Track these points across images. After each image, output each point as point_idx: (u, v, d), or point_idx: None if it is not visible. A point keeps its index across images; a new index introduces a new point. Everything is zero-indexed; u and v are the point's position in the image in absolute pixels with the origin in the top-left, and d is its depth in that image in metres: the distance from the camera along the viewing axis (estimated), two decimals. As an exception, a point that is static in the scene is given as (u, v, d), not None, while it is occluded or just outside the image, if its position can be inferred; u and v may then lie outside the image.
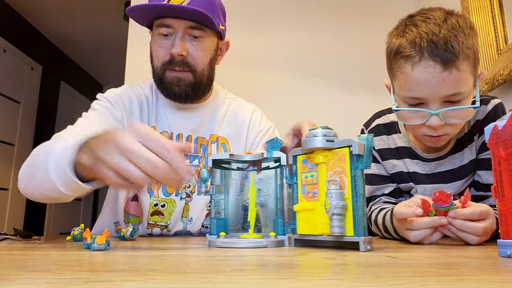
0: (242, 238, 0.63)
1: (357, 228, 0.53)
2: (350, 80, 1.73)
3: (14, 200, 3.25)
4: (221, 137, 1.06)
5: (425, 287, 0.26)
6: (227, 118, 1.09)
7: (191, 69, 0.96)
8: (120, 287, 0.27)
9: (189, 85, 0.97)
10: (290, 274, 0.33)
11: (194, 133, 1.04)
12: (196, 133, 1.04)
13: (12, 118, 3.27)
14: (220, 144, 1.05)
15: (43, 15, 3.41)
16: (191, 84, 0.97)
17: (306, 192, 0.61)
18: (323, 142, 0.58)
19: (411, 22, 0.76)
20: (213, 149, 1.04)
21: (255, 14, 1.78)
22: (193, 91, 0.98)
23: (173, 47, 0.93)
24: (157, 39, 0.97)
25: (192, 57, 0.96)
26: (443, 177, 0.84)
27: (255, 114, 1.12)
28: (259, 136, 1.08)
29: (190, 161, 1.01)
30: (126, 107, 0.99)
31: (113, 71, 4.30)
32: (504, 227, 0.44)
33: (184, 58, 0.95)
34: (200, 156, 1.03)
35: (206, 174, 0.67)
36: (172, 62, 0.95)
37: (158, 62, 0.97)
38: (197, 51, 0.96)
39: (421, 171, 0.86)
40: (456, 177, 0.83)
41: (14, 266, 0.37)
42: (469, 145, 0.82)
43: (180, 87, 0.96)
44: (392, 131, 0.90)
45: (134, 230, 0.74)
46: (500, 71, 1.10)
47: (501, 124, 0.44)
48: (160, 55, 0.96)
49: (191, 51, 0.95)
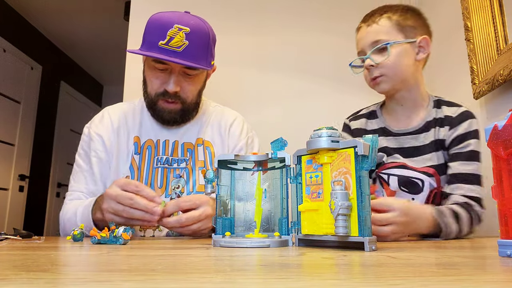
0: (247, 238, 0.64)
1: (362, 228, 0.53)
2: (350, 80, 1.72)
3: (14, 200, 3.25)
4: (206, 141, 1.11)
5: (425, 287, 0.26)
6: (211, 124, 1.15)
7: (182, 101, 1.04)
8: (120, 287, 0.27)
9: (178, 113, 1.06)
10: (290, 274, 0.33)
11: (180, 139, 1.10)
12: (182, 139, 1.10)
13: (12, 118, 3.27)
14: (205, 147, 1.10)
15: (43, 15, 3.41)
16: (179, 112, 1.06)
17: (311, 192, 0.61)
18: (328, 143, 0.58)
19: None
20: (199, 152, 1.09)
21: (255, 14, 1.78)
22: (181, 117, 1.07)
23: (169, 85, 1.01)
24: (152, 70, 1.02)
25: (184, 91, 1.03)
26: (409, 151, 1.00)
27: (235, 123, 1.16)
28: (236, 149, 1.12)
29: (178, 164, 1.07)
30: (106, 132, 1.09)
31: (113, 71, 4.30)
32: (504, 227, 0.44)
33: (177, 93, 1.02)
34: (187, 159, 1.08)
35: (212, 174, 0.67)
36: (165, 95, 1.02)
37: (152, 90, 1.04)
38: (189, 85, 1.04)
39: (391, 146, 1.03)
40: (420, 152, 0.99)
41: (14, 266, 0.37)
42: (433, 129, 0.99)
43: (170, 115, 1.05)
44: (372, 117, 1.10)
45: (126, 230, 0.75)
46: (500, 71, 1.10)
47: (501, 124, 0.44)
48: (155, 86, 1.03)
49: (184, 86, 1.03)
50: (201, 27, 0.98)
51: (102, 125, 1.10)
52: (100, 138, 1.08)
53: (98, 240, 0.67)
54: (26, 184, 3.43)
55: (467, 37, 1.28)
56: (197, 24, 0.98)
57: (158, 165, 1.06)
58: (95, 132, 1.09)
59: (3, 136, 3.14)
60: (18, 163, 3.32)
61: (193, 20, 0.98)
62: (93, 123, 1.12)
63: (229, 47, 1.73)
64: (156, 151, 1.07)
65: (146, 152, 1.07)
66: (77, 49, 4.05)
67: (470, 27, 1.26)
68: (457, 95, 1.43)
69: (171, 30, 0.94)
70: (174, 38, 0.94)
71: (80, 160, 1.09)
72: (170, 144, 1.08)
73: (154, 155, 1.07)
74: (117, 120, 1.10)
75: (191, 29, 0.95)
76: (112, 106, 1.17)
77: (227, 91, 1.66)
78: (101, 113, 1.14)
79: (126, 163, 1.05)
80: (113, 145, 1.07)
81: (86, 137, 1.10)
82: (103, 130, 1.09)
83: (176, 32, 0.94)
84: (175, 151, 1.08)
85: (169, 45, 0.94)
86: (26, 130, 3.43)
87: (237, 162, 0.70)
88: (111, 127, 1.09)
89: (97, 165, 1.05)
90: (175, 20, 0.95)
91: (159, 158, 1.06)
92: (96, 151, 1.06)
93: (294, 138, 0.91)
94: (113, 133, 1.08)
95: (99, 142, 1.07)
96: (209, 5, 1.77)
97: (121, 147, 1.07)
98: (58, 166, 3.94)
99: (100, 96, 4.94)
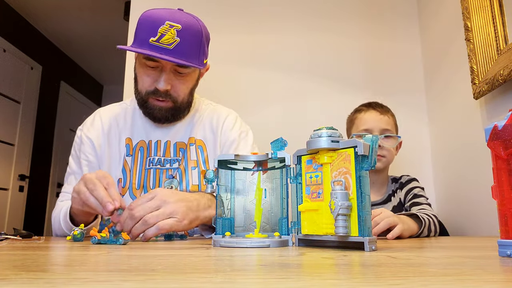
0: (247, 238, 0.63)
1: (362, 228, 0.53)
2: (350, 80, 1.73)
3: (14, 200, 3.25)
4: (198, 140, 1.10)
5: (425, 287, 0.26)
6: (203, 122, 1.13)
7: (173, 99, 1.03)
8: (120, 287, 0.27)
9: (169, 111, 1.05)
10: (290, 274, 0.33)
11: (172, 139, 1.09)
12: (174, 139, 1.09)
13: (12, 118, 3.27)
14: (197, 146, 1.09)
15: (43, 15, 3.41)
16: (171, 110, 1.04)
17: (311, 192, 0.61)
18: (328, 143, 0.58)
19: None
20: (192, 151, 1.08)
21: (255, 14, 1.78)
22: (172, 115, 1.06)
23: (159, 83, 0.99)
24: (143, 67, 1.01)
25: (175, 89, 1.02)
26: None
27: (228, 119, 1.14)
28: (227, 143, 1.10)
29: (170, 165, 1.06)
30: (97, 136, 1.08)
31: (113, 71, 4.31)
32: (504, 227, 0.44)
33: (167, 91, 1.01)
34: (179, 159, 1.07)
35: (212, 174, 0.67)
36: (156, 93, 1.01)
37: (143, 88, 1.03)
38: (180, 84, 1.02)
39: None
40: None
41: (14, 266, 0.37)
42: (393, 197, 1.27)
43: (161, 113, 1.04)
44: None
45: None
46: (500, 71, 1.10)
47: (501, 124, 0.44)
48: (146, 84, 1.02)
49: (175, 84, 1.01)
50: (193, 25, 0.96)
51: (93, 128, 1.09)
52: (90, 141, 1.07)
53: (98, 240, 0.67)
54: (26, 184, 3.43)
55: (467, 37, 1.28)
56: (189, 21, 0.96)
57: (150, 166, 1.05)
58: (86, 135, 1.08)
59: (3, 136, 3.14)
60: (18, 163, 3.32)
61: (185, 17, 0.96)
62: (85, 126, 1.11)
63: (228, 46, 1.73)
64: (148, 152, 1.06)
65: (139, 154, 1.06)
66: (77, 49, 4.05)
67: (470, 27, 1.26)
68: (457, 95, 1.43)
69: (162, 26, 0.92)
70: (165, 35, 0.92)
71: (72, 162, 1.09)
72: (162, 144, 1.08)
73: (146, 156, 1.06)
74: (108, 123, 1.10)
75: (182, 26, 0.93)
76: (104, 108, 1.16)
77: (227, 91, 1.66)
78: (93, 116, 1.14)
79: (118, 165, 1.05)
80: (103, 148, 1.06)
81: (78, 139, 1.10)
82: (93, 134, 1.08)
83: (168, 29, 0.92)
84: (167, 151, 1.07)
85: (159, 42, 0.92)
86: (26, 130, 3.43)
87: (237, 162, 0.70)
88: (102, 131, 1.09)
89: (87, 168, 1.05)
90: (166, 17, 0.93)
91: (151, 159, 1.06)
92: (86, 154, 1.06)
93: (294, 138, 0.91)
94: (103, 137, 1.08)
95: (89, 145, 1.07)
96: (207, 4, 1.77)
97: (113, 150, 1.07)
98: (58, 166, 3.94)
99: (100, 96, 4.94)
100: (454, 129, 1.46)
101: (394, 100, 1.50)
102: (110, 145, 1.07)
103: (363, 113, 1.29)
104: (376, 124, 1.25)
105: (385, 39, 1.76)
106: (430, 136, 1.68)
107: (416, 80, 1.72)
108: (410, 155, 1.58)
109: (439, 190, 1.59)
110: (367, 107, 1.30)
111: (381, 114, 1.27)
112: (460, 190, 1.41)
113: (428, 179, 1.62)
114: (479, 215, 1.27)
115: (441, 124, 1.58)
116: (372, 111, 1.28)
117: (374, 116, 1.27)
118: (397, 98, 1.63)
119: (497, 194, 0.44)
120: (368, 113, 1.28)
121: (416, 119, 1.69)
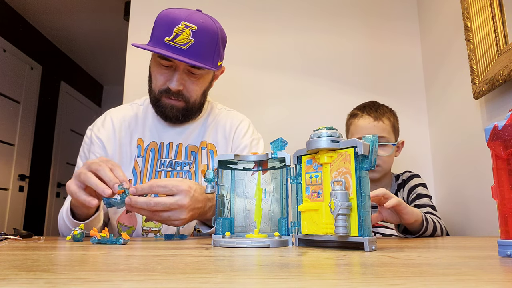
0: (247, 238, 0.63)
1: (362, 228, 0.53)
2: (350, 80, 1.73)
3: (14, 200, 3.25)
4: (210, 144, 1.09)
5: (425, 287, 0.26)
6: (216, 126, 1.12)
7: (185, 99, 1.03)
8: (120, 287, 0.27)
9: (181, 111, 1.04)
10: (290, 274, 0.33)
11: (184, 142, 1.08)
12: (186, 141, 1.08)
13: (12, 118, 3.27)
14: (208, 150, 1.09)
15: (43, 15, 3.41)
16: (182, 110, 1.04)
17: (311, 192, 0.61)
18: (328, 143, 0.58)
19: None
20: (203, 155, 1.08)
21: (255, 14, 1.78)
22: (184, 116, 1.06)
23: (172, 82, 0.99)
24: (157, 66, 1.01)
25: (187, 90, 1.02)
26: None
27: (241, 125, 1.14)
28: (238, 149, 1.10)
29: (181, 168, 1.06)
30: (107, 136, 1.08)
31: (113, 71, 4.31)
32: (504, 227, 0.44)
33: (180, 91, 1.01)
34: (191, 162, 1.06)
35: (212, 174, 0.67)
36: (168, 92, 1.01)
37: (156, 87, 1.03)
38: (193, 85, 1.02)
39: None
40: None
41: (14, 266, 0.37)
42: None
43: (172, 112, 1.04)
44: None
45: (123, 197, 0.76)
46: (500, 71, 1.10)
47: (501, 124, 0.44)
48: (159, 83, 1.02)
49: (188, 85, 1.01)
50: (209, 26, 0.96)
51: (104, 128, 1.09)
52: (100, 142, 1.07)
53: (98, 240, 0.67)
54: (26, 184, 3.43)
55: (467, 37, 1.28)
56: (206, 23, 0.95)
57: (161, 168, 1.04)
58: (96, 135, 1.08)
59: (3, 136, 3.14)
60: (18, 163, 3.32)
61: (202, 19, 0.95)
62: (95, 126, 1.11)
63: (228, 46, 1.73)
64: (160, 153, 1.06)
65: (150, 155, 1.06)
66: (77, 49, 4.05)
67: (470, 27, 1.26)
68: (457, 95, 1.43)
69: (178, 26, 0.92)
70: (180, 35, 0.92)
71: (80, 162, 1.08)
72: (174, 146, 1.07)
73: (157, 158, 1.05)
74: (119, 124, 1.09)
75: (198, 27, 0.93)
76: (116, 109, 1.16)
77: (227, 91, 1.66)
78: (104, 116, 1.14)
79: (129, 166, 1.04)
80: (114, 149, 1.06)
81: (88, 139, 1.09)
82: (104, 134, 1.08)
83: (183, 29, 0.92)
84: (179, 154, 1.06)
85: (174, 42, 0.92)
86: (26, 130, 3.43)
87: (237, 162, 0.70)
88: (113, 131, 1.08)
89: None
90: (183, 17, 0.93)
91: (162, 161, 1.05)
92: (96, 155, 1.05)
93: (294, 138, 0.91)
94: (114, 137, 1.07)
95: (99, 146, 1.07)
96: (207, 4, 1.76)
97: (123, 151, 1.06)
98: (58, 166, 3.94)
99: (100, 96, 4.94)
100: (454, 129, 1.46)
101: (394, 100, 1.50)
102: (121, 146, 1.07)
103: (357, 120, 1.26)
104: (369, 131, 1.20)
105: (385, 39, 1.76)
106: (430, 136, 1.68)
107: (416, 80, 1.72)
108: (410, 155, 1.58)
109: (439, 190, 1.59)
110: (362, 112, 1.26)
111: (375, 120, 1.23)
112: (460, 190, 1.41)
113: (428, 179, 1.62)
114: (479, 215, 1.27)
115: (441, 124, 1.58)
116: (366, 118, 1.24)
117: (368, 123, 1.23)
118: (397, 98, 1.63)
119: (497, 194, 0.44)
120: (362, 120, 1.25)
121: (416, 119, 1.69)
